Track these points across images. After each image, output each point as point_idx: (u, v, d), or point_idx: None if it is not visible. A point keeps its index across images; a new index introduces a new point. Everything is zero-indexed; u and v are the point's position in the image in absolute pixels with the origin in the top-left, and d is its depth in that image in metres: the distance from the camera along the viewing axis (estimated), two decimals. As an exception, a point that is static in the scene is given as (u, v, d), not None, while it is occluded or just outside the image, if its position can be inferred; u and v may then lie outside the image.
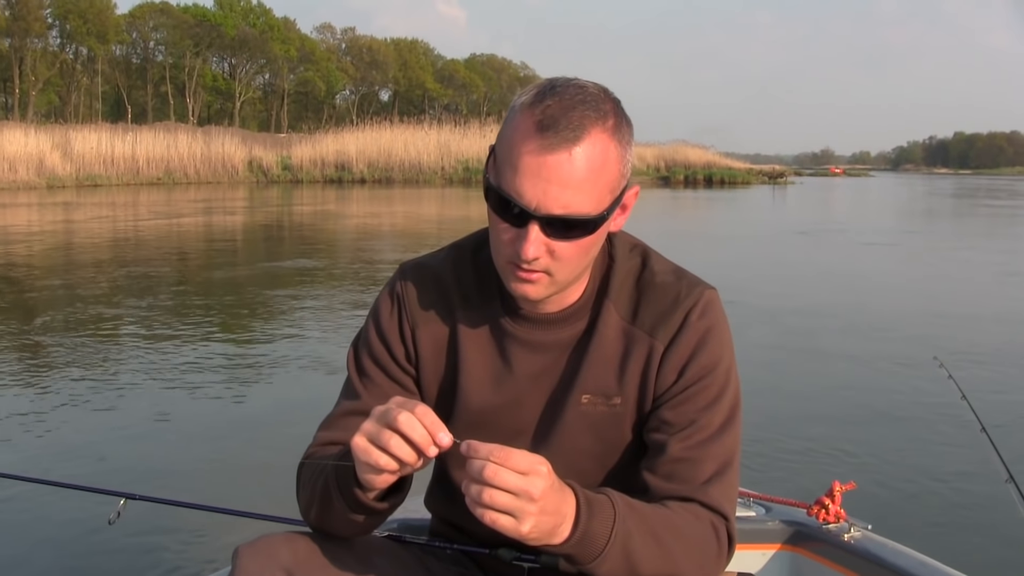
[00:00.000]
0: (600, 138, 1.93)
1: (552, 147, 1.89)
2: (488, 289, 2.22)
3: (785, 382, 9.98)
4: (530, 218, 1.93)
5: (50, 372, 9.99)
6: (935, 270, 21.09)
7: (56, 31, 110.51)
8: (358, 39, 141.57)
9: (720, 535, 2.05)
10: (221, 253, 23.58)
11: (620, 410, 2.14)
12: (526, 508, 1.71)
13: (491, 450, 1.71)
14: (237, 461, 7.25)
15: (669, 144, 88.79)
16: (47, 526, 5.81)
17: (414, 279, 2.27)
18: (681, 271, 2.22)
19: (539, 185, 1.90)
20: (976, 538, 5.98)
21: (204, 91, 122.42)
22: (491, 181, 1.99)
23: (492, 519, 1.70)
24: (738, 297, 13.51)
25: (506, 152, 1.96)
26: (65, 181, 56.08)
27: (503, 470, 1.70)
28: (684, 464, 2.06)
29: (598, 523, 1.84)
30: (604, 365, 2.15)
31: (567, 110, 1.91)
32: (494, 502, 1.69)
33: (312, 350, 11.25)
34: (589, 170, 1.92)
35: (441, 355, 2.23)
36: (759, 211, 48.12)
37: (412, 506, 2.98)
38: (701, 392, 2.09)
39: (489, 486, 1.69)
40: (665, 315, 2.13)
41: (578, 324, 2.18)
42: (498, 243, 2.03)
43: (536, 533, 1.74)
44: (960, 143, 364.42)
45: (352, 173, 67.38)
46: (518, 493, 1.69)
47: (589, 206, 1.94)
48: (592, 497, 1.86)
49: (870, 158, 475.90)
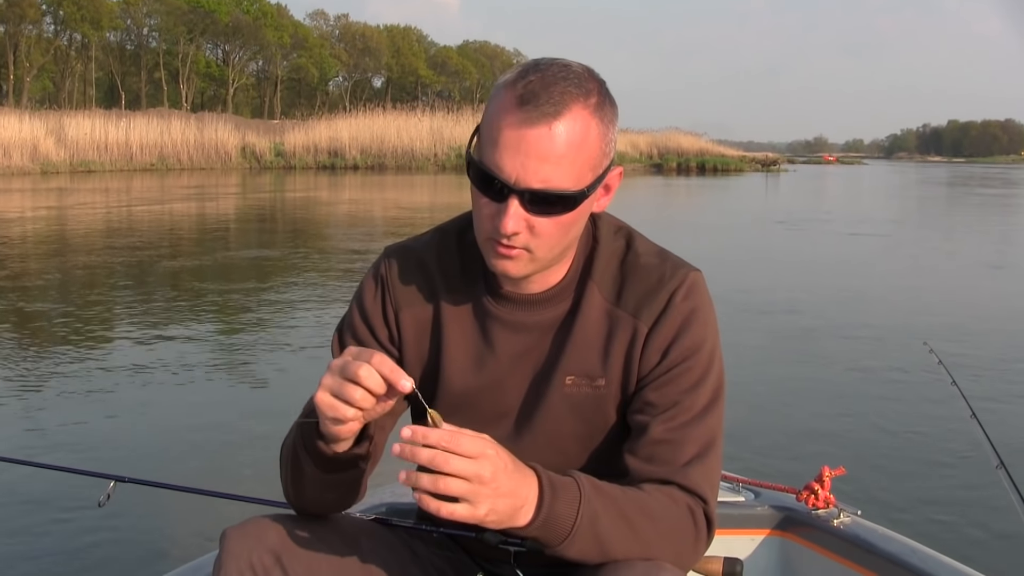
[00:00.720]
0: (581, 114, 1.93)
1: (532, 121, 1.89)
2: (472, 271, 2.21)
3: (773, 368, 10.01)
4: (510, 192, 1.92)
5: (39, 356, 10.01)
6: (921, 260, 21.06)
7: (50, 17, 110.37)
8: (351, 26, 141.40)
9: (697, 518, 2.03)
10: (212, 239, 23.55)
11: (604, 392, 2.13)
12: (479, 491, 1.70)
13: (439, 437, 1.69)
14: (227, 445, 7.27)
15: (662, 131, 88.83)
16: (37, 509, 5.82)
17: (398, 262, 2.27)
18: (665, 253, 2.20)
19: (518, 159, 1.90)
20: (966, 524, 5.99)
21: (197, 77, 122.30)
22: (473, 156, 1.99)
23: (449, 511, 1.70)
24: (723, 285, 13.52)
25: (488, 128, 1.96)
26: (59, 167, 56.05)
27: (452, 457, 1.68)
28: (665, 446, 2.05)
29: (563, 505, 1.83)
30: (588, 347, 2.14)
31: (548, 85, 1.91)
32: (448, 490, 1.69)
33: (303, 335, 11.26)
34: (569, 145, 1.91)
35: (424, 337, 2.23)
36: (751, 198, 48.04)
37: (399, 490, 2.99)
38: (684, 373, 2.08)
39: (439, 473, 1.68)
40: (649, 296, 2.12)
41: (561, 305, 2.17)
42: (479, 219, 2.02)
43: (494, 516, 1.73)
44: (954, 131, 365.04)
45: (345, 159, 67.33)
46: (469, 478, 1.69)
47: (569, 182, 1.94)
48: (557, 479, 1.85)
49: (863, 146, 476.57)
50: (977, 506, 6.20)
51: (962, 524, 5.98)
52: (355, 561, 2.15)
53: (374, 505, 2.94)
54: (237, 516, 2.21)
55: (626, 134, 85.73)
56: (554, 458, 2.00)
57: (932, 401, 8.22)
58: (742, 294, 14.01)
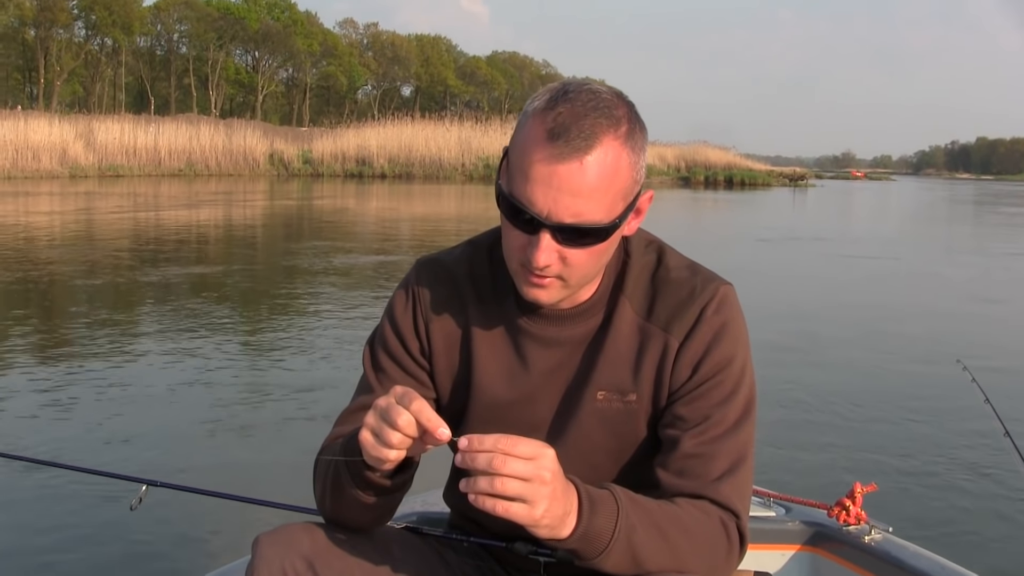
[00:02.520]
0: (612, 146, 1.91)
1: (563, 156, 1.88)
2: (503, 285, 2.20)
3: (806, 384, 9.94)
4: (541, 226, 1.92)
5: (73, 359, 10.01)
6: (952, 278, 20.97)
7: (81, 22, 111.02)
8: (380, 34, 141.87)
9: (730, 532, 2.02)
10: (242, 245, 23.65)
11: (635, 407, 2.13)
12: (539, 491, 1.69)
13: (495, 441, 1.69)
14: (259, 451, 7.27)
15: (689, 144, 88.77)
16: (69, 511, 5.83)
17: (429, 275, 2.27)
18: (696, 267, 2.20)
19: (550, 194, 1.89)
20: (998, 542, 5.95)
21: (227, 84, 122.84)
22: (503, 188, 1.98)
23: (504, 508, 1.69)
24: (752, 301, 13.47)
25: (518, 159, 1.95)
26: (88, 171, 56.45)
27: (511, 458, 1.68)
28: (696, 460, 2.04)
29: (601, 518, 1.82)
30: (619, 361, 2.13)
31: (578, 118, 1.89)
32: (505, 490, 1.68)
33: (334, 342, 11.27)
34: (600, 178, 1.90)
35: (455, 350, 2.23)
36: (778, 214, 47.92)
37: (430, 499, 2.99)
38: (716, 388, 2.07)
39: (498, 475, 1.68)
40: (680, 311, 2.11)
41: (592, 320, 2.16)
42: (510, 248, 2.02)
43: (548, 519, 1.73)
44: (982, 148, 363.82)
45: (372, 168, 67.54)
46: (529, 478, 1.68)
47: (600, 214, 1.93)
48: (594, 492, 1.84)
49: (891, 162, 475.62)
50: (1009, 525, 6.18)
51: (993, 543, 5.93)
52: (387, 569, 2.14)
53: (405, 514, 2.94)
54: (268, 522, 2.21)
55: (654, 146, 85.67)
56: (585, 472, 1.99)
57: (965, 419, 8.16)
58: (772, 310, 13.97)
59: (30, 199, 37.73)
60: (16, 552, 5.34)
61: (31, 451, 6.58)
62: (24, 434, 7.47)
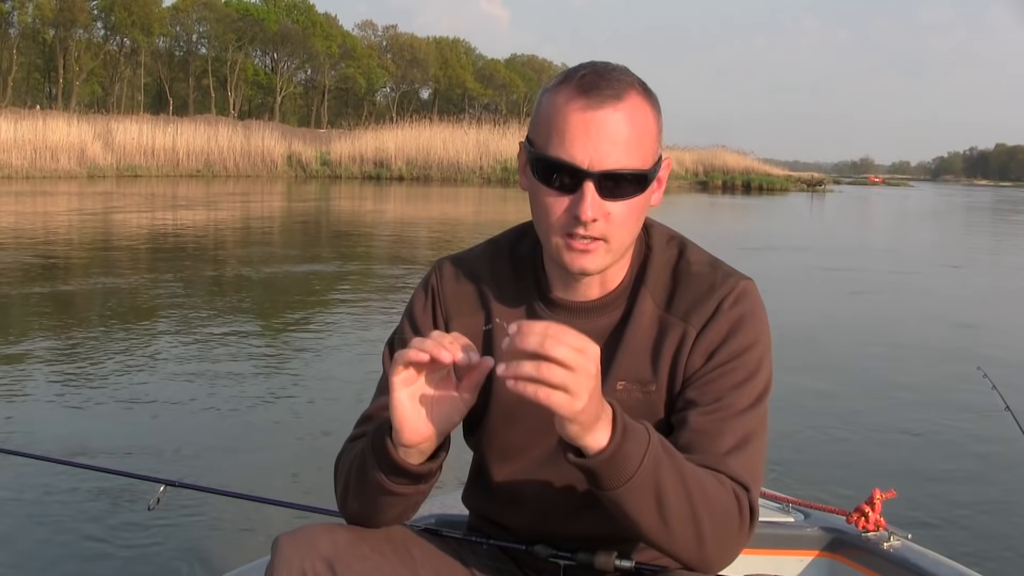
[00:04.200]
0: (638, 100, 1.99)
1: (599, 103, 1.94)
2: (525, 280, 2.23)
3: (826, 390, 9.92)
4: (585, 177, 1.95)
5: (92, 359, 10.03)
6: (970, 284, 20.93)
7: (101, 22, 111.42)
8: (399, 36, 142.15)
9: (742, 504, 1.99)
10: (262, 245, 23.68)
11: (655, 397, 2.12)
12: (582, 383, 1.68)
13: (545, 327, 1.68)
14: (278, 451, 7.25)
15: (708, 149, 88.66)
16: (87, 510, 5.83)
17: (449, 273, 2.29)
18: (717, 262, 2.22)
19: (589, 144, 1.94)
20: (1019, 550, 5.93)
21: (245, 85, 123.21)
22: (537, 153, 2.01)
23: (547, 395, 1.67)
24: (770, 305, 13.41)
25: (547, 124, 1.99)
26: (106, 171, 56.66)
27: (560, 344, 1.66)
28: (704, 436, 2.02)
29: (632, 444, 1.80)
30: (639, 352, 2.14)
31: (604, 74, 1.98)
32: (551, 376, 1.66)
33: (354, 343, 11.27)
34: (633, 127, 1.97)
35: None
36: (795, 219, 47.85)
37: (449, 501, 2.99)
38: (729, 373, 2.07)
39: (545, 359, 1.66)
40: (699, 302, 2.13)
41: (615, 312, 2.18)
42: (549, 218, 2.02)
43: (585, 416, 1.71)
44: (1001, 155, 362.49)
45: (390, 170, 67.56)
46: (575, 368, 1.67)
47: (638, 162, 1.98)
48: (629, 421, 1.83)
49: (910, 168, 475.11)
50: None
51: (1014, 551, 5.91)
52: (407, 571, 2.13)
53: (424, 516, 2.94)
54: (287, 523, 2.21)
55: (672, 151, 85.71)
56: None
57: (985, 426, 8.12)
58: (791, 315, 13.95)
59: (48, 199, 37.85)
60: (34, 551, 5.35)
61: (49, 450, 6.59)
62: (42, 434, 7.48)
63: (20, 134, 53.59)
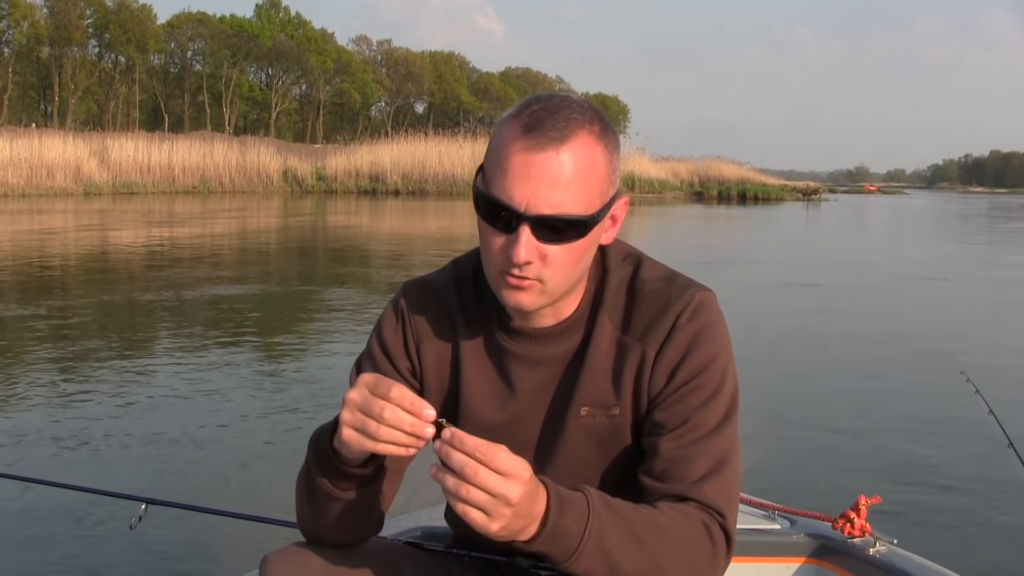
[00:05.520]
0: (587, 140, 1.94)
1: (540, 146, 1.90)
2: (486, 306, 2.21)
3: (809, 397, 9.95)
4: (521, 220, 1.92)
5: (75, 377, 10.03)
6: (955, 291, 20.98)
7: (96, 40, 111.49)
8: (394, 51, 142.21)
9: (714, 534, 1.98)
10: (251, 264, 23.70)
11: (619, 420, 2.12)
12: (500, 510, 1.68)
13: (476, 446, 1.67)
14: (265, 469, 7.24)
15: (703, 159, 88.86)
16: (66, 530, 5.82)
17: (417, 296, 2.27)
18: (674, 276, 2.19)
19: (528, 186, 1.90)
20: (1003, 554, 5.96)
21: (240, 101, 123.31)
22: (480, 189, 1.99)
23: (463, 511, 1.68)
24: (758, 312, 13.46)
25: (494, 159, 1.97)
26: (102, 188, 56.79)
27: (483, 469, 1.67)
28: (677, 463, 2.02)
29: (571, 521, 1.79)
30: (600, 376, 2.13)
31: (553, 112, 1.93)
32: (469, 497, 1.67)
33: (339, 360, 11.25)
34: (576, 170, 1.92)
35: (445, 371, 2.23)
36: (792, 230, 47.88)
37: (434, 514, 3.00)
38: (693, 392, 2.06)
39: (467, 483, 1.67)
40: (655, 320, 2.11)
41: (574, 337, 2.16)
42: (489, 253, 2.01)
43: (504, 533, 1.71)
44: (996, 161, 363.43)
45: (386, 184, 67.69)
46: (495, 495, 1.67)
47: (579, 207, 1.94)
48: (565, 494, 1.82)
49: (905, 176, 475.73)
50: (1014, 536, 6.19)
51: (999, 554, 5.94)
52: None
53: (409, 528, 2.96)
54: (273, 540, 2.21)
55: (668, 162, 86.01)
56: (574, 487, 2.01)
57: (969, 431, 8.14)
58: (778, 322, 13.98)
59: (44, 216, 37.85)
60: (15, 570, 5.34)
61: (30, 470, 6.59)
62: (23, 453, 7.47)
63: (16, 152, 53.68)
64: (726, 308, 2.19)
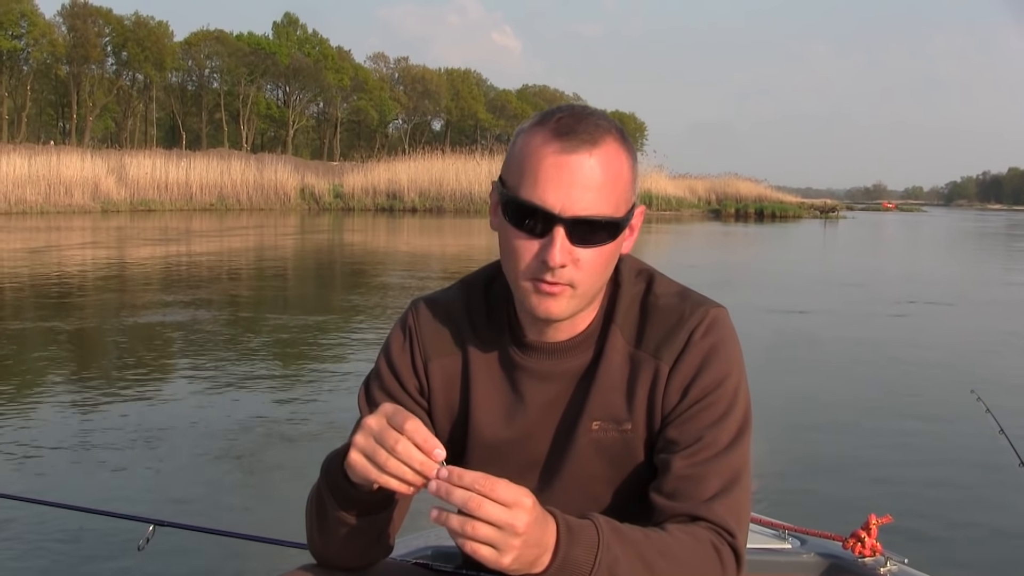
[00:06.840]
0: (614, 146, 1.98)
1: (573, 148, 1.93)
2: (498, 322, 2.21)
3: (820, 416, 9.92)
4: (555, 222, 1.94)
5: (82, 398, 10.01)
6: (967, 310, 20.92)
7: (113, 58, 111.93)
8: (411, 69, 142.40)
9: (723, 554, 1.98)
10: (268, 282, 23.71)
11: (631, 435, 2.12)
12: (509, 541, 1.67)
13: (475, 479, 1.67)
14: (272, 491, 7.24)
15: (720, 176, 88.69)
16: (75, 551, 5.81)
17: (425, 313, 2.27)
18: (687, 292, 2.20)
19: (562, 189, 1.92)
20: (1013, 573, 5.93)
21: (258, 118, 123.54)
22: (509, 195, 2.00)
23: (472, 549, 1.67)
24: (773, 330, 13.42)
25: (521, 166, 1.99)
26: (119, 206, 56.92)
27: (487, 502, 1.66)
28: (688, 481, 2.02)
29: (581, 550, 1.78)
30: (612, 391, 2.13)
31: (581, 119, 1.97)
32: (476, 534, 1.66)
33: (349, 381, 11.21)
34: (606, 174, 1.95)
35: (454, 388, 2.22)
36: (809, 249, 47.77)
37: (444, 533, 3.00)
38: (707, 409, 2.07)
39: (472, 517, 1.66)
40: (669, 336, 2.11)
41: (586, 352, 2.16)
42: (518, 260, 2.01)
43: (517, 565, 1.70)
44: (1015, 178, 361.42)
45: (403, 202, 67.76)
46: (501, 526, 1.66)
47: (610, 209, 1.97)
48: (575, 524, 1.81)
49: (923, 193, 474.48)
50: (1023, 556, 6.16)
51: (1010, 574, 5.92)
52: None
53: (419, 548, 2.95)
54: (281, 562, 2.20)
55: (685, 179, 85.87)
56: (584, 502, 2.00)
57: (980, 450, 8.12)
58: (791, 341, 13.94)
59: (62, 233, 37.93)
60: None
61: (38, 491, 6.60)
62: (30, 475, 7.45)
63: (34, 170, 53.87)
64: (738, 326, 2.20)
